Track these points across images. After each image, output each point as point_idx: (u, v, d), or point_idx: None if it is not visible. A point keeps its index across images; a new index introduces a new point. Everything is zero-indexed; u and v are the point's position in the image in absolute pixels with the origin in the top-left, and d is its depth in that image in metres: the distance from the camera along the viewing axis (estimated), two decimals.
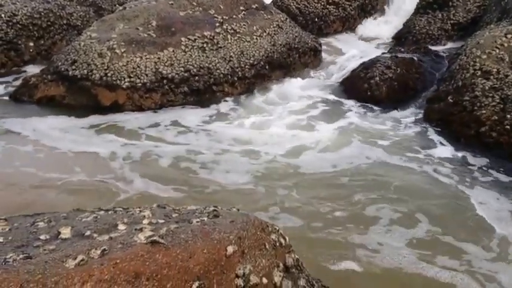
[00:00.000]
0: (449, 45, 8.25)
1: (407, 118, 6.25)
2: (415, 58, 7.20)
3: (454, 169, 5.03)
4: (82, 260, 1.66)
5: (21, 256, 1.67)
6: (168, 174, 4.94)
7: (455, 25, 8.59)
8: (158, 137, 5.81)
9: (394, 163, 5.16)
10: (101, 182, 4.70)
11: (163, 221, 2.23)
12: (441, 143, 5.56)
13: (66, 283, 1.53)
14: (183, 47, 6.78)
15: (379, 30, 9.77)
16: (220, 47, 7.02)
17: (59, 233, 1.96)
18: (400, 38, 9.03)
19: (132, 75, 6.44)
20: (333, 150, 5.48)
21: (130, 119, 6.21)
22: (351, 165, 5.10)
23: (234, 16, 7.54)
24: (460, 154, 5.31)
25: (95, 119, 6.18)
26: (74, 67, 6.56)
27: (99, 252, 1.73)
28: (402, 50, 7.73)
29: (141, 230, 2.03)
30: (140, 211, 2.36)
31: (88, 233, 1.98)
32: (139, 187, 4.63)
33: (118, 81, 6.39)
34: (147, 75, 6.48)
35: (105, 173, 4.89)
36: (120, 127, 6.02)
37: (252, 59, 7.17)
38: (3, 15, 7.79)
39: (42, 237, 1.93)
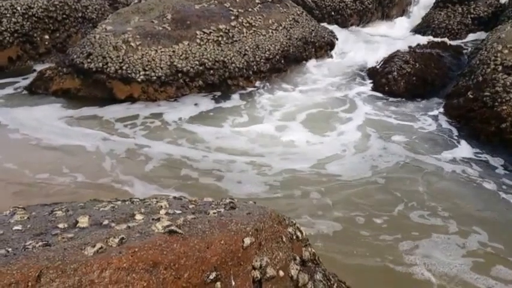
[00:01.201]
0: (469, 39, 8.12)
1: (426, 114, 6.15)
2: (434, 53, 7.11)
3: (481, 170, 4.87)
4: (101, 248, 1.65)
5: (40, 243, 1.66)
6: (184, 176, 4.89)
7: (475, 19, 8.46)
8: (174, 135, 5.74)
9: (418, 164, 5.00)
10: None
11: (180, 211, 2.22)
12: (462, 140, 5.45)
13: (85, 270, 1.52)
14: (198, 40, 6.76)
15: (397, 24, 9.64)
16: (236, 41, 6.99)
17: (77, 221, 1.96)
18: (419, 32, 8.91)
19: (147, 69, 6.44)
20: (354, 149, 5.35)
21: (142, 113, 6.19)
22: (375, 166, 4.97)
23: (250, 9, 7.50)
24: (482, 152, 5.18)
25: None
26: (89, 60, 6.57)
27: (117, 240, 1.72)
28: (421, 44, 7.62)
29: (158, 219, 2.02)
30: (157, 201, 2.36)
31: (106, 222, 1.97)
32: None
33: (133, 75, 6.40)
34: (161, 68, 6.48)
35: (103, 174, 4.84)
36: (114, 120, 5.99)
37: (267, 52, 7.13)
38: (19, 8, 7.84)
39: (60, 225, 1.92)
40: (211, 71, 6.69)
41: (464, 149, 5.28)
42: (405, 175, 4.80)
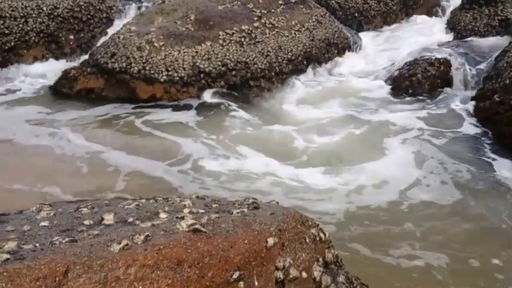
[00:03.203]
0: (496, 41, 7.94)
1: (452, 118, 6.03)
2: (460, 55, 6.99)
3: None
4: (126, 244, 1.66)
5: (66, 239, 1.68)
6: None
7: (502, 21, 8.26)
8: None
9: (452, 174, 4.81)
10: None
11: (203, 210, 2.22)
12: (490, 145, 5.34)
13: (111, 266, 1.53)
14: (220, 41, 6.78)
15: (422, 26, 9.50)
16: (258, 42, 6.99)
17: (102, 219, 1.98)
18: (445, 34, 8.74)
19: (169, 69, 6.49)
20: (381, 155, 5.20)
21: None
22: (408, 174, 4.82)
23: (273, 10, 7.49)
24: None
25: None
26: (113, 60, 6.65)
27: (142, 237, 1.73)
28: (446, 46, 7.50)
29: (182, 218, 2.02)
30: (181, 200, 2.36)
31: (131, 219, 1.98)
32: None
33: (156, 75, 6.45)
34: (184, 68, 6.51)
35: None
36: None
37: (289, 54, 7.11)
38: (45, 8, 7.98)
39: (86, 222, 1.94)
40: (234, 72, 6.70)
41: (495, 156, 5.12)
42: (441, 186, 4.62)
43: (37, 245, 1.59)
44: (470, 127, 5.77)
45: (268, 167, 4.93)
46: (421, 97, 6.50)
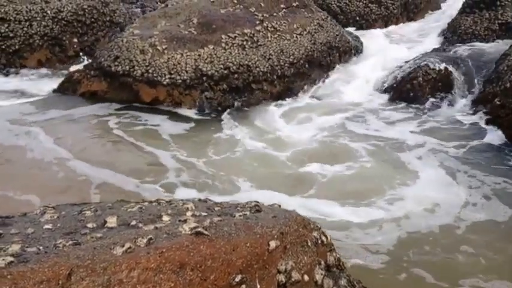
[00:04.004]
0: (497, 45, 7.95)
1: (453, 122, 5.99)
2: (460, 58, 6.99)
3: None
4: (129, 247, 1.67)
5: (70, 242, 1.69)
6: None
7: (503, 25, 8.28)
8: None
9: (491, 187, 4.60)
10: None
11: (206, 213, 2.24)
12: (494, 149, 5.28)
13: (114, 269, 1.55)
14: (223, 45, 6.81)
15: (423, 29, 9.53)
16: (260, 45, 7.01)
17: (105, 221, 1.99)
18: (445, 37, 8.79)
19: (172, 72, 6.51)
20: (411, 176, 4.86)
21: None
22: (453, 194, 4.56)
23: (275, 14, 7.52)
24: None
25: None
26: (116, 63, 6.68)
27: (145, 241, 1.74)
28: (447, 49, 7.52)
29: (185, 221, 2.03)
30: (183, 203, 2.37)
31: (133, 222, 1.99)
32: None
33: (159, 78, 6.48)
34: (187, 71, 6.54)
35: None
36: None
37: (291, 57, 7.13)
38: (49, 12, 8.03)
39: (89, 225, 1.96)
40: (236, 75, 6.72)
41: (501, 159, 5.05)
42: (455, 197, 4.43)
43: (41, 248, 1.61)
44: (479, 133, 5.69)
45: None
46: (421, 105, 6.45)
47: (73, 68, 7.56)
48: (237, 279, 1.92)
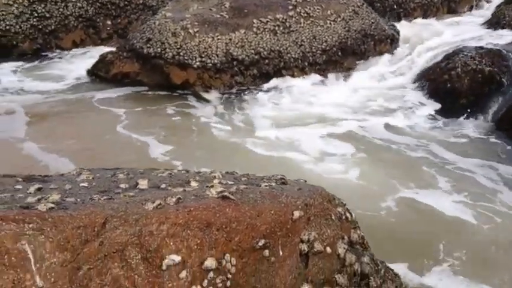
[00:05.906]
0: None
1: (488, 121, 5.75)
2: (503, 50, 6.64)
3: None
4: (159, 204, 1.75)
5: (104, 197, 1.79)
6: None
7: None
8: None
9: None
10: None
11: (232, 182, 2.31)
12: None
13: (146, 221, 1.63)
14: (254, 29, 6.85)
15: (465, 19, 9.24)
16: (292, 31, 7.02)
17: (137, 183, 2.08)
18: (488, 28, 8.49)
19: (203, 55, 6.60)
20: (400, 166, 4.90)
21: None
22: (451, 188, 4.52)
23: None
24: None
25: None
26: (148, 45, 6.81)
27: (174, 199, 1.82)
28: (489, 40, 7.13)
29: (212, 186, 2.11)
30: (211, 172, 2.45)
31: (163, 185, 2.08)
32: None
33: (189, 61, 6.57)
34: (217, 55, 6.61)
35: None
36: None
37: (324, 44, 7.10)
38: None
39: (122, 185, 2.05)
40: (267, 61, 6.75)
41: None
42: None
43: (78, 199, 1.70)
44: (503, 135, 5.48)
45: None
46: (458, 93, 6.17)
47: (106, 50, 7.73)
48: (260, 244, 1.98)
